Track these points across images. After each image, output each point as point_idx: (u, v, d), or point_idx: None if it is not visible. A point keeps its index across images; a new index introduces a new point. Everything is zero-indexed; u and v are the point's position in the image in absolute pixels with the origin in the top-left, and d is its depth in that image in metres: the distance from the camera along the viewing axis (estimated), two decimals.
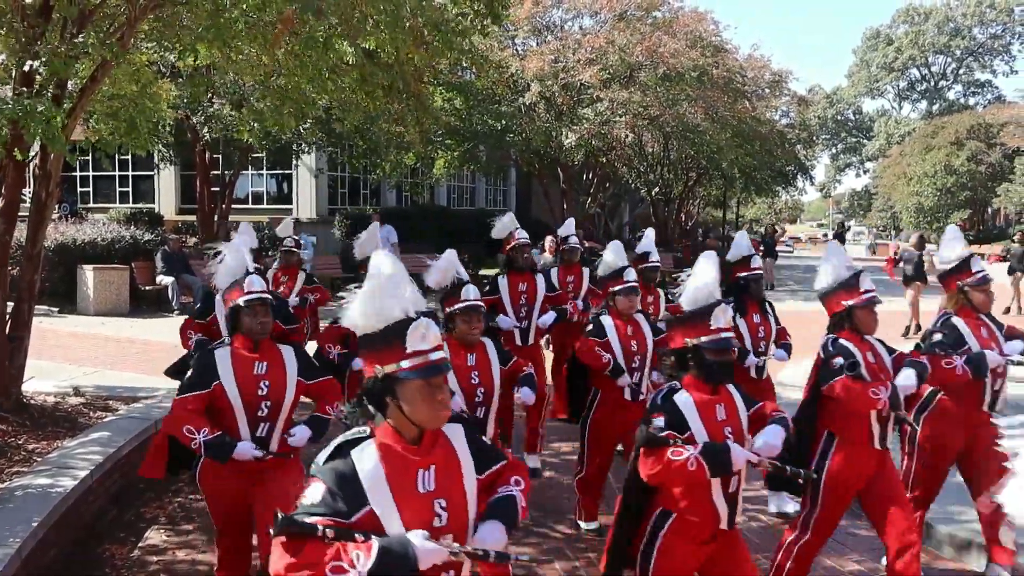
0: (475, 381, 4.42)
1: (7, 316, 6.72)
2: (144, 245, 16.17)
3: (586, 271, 7.82)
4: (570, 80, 20.90)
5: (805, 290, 22.14)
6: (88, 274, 14.38)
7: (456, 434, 2.52)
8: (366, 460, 2.31)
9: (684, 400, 3.36)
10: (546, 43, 22.12)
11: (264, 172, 24.83)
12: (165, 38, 7.41)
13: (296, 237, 8.86)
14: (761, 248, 21.69)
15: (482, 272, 23.17)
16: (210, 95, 14.98)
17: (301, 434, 3.97)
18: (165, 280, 15.25)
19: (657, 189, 30.46)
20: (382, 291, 2.46)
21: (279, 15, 6.65)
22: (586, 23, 23.65)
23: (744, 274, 6.05)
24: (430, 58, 7.94)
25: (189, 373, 3.96)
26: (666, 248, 26.41)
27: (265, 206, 24.86)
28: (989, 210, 52.92)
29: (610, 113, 20.68)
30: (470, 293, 4.54)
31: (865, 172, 75.33)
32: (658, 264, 7.13)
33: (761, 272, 6.19)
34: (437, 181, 26.68)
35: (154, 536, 5.27)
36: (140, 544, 5.14)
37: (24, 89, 5.86)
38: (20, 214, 7.14)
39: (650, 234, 7.69)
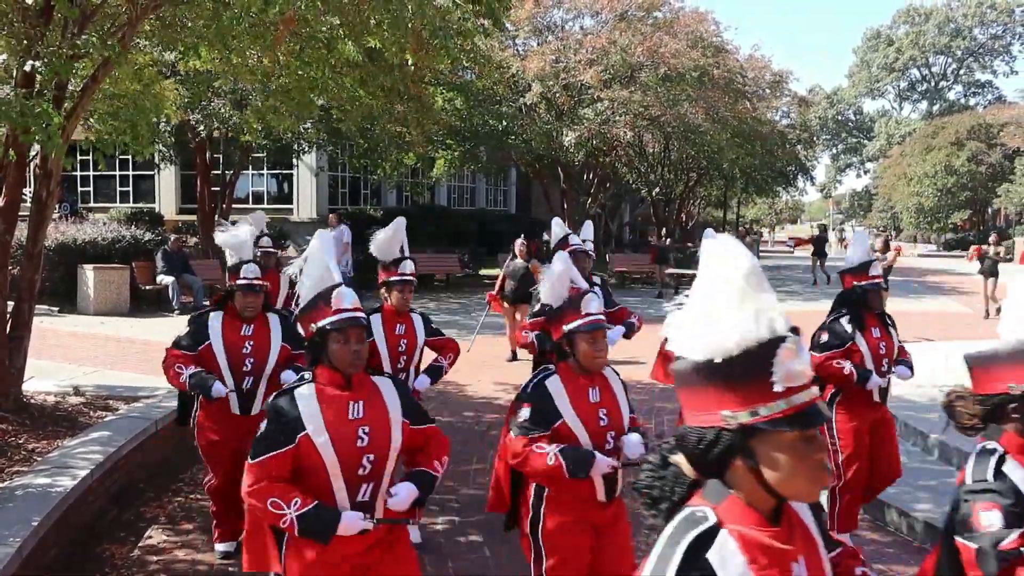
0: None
1: (7, 316, 6.72)
2: (144, 245, 16.18)
3: (603, 285, 6.83)
4: (571, 80, 20.92)
5: (807, 290, 22.16)
6: (88, 274, 14.39)
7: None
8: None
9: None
10: (547, 43, 22.13)
11: (264, 172, 24.84)
12: (166, 38, 7.41)
13: (267, 233, 7.68)
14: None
15: (482, 272, 23.21)
16: (210, 94, 14.99)
17: (404, 494, 3.01)
18: (165, 280, 15.25)
19: (657, 189, 30.46)
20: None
21: (280, 16, 6.66)
22: (587, 23, 23.67)
23: (862, 283, 5.22)
24: (431, 60, 7.94)
25: (264, 424, 2.96)
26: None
27: (265, 206, 24.84)
28: (989, 210, 52.90)
29: (611, 113, 20.70)
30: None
31: (866, 172, 75.41)
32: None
33: (880, 281, 5.29)
34: (437, 181, 26.70)
35: (154, 536, 5.27)
36: (140, 544, 5.14)
37: (24, 90, 5.86)
38: (21, 214, 7.14)
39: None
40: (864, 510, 5.80)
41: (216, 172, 20.24)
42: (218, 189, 19.76)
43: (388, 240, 5.61)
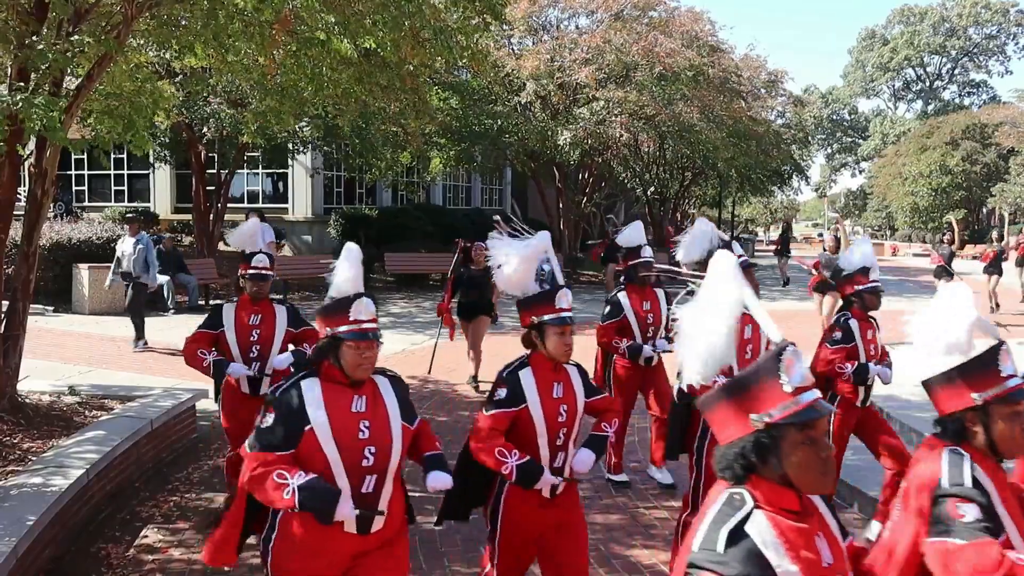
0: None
1: (2, 315, 6.71)
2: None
3: (662, 294, 6.47)
4: (566, 79, 20.92)
5: (800, 289, 22.19)
6: (83, 273, 14.36)
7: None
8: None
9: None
10: (542, 42, 22.12)
11: (260, 171, 24.81)
12: (162, 37, 7.40)
13: (269, 249, 5.86)
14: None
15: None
16: (207, 94, 14.98)
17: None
18: (160, 279, 15.23)
19: (653, 188, 30.52)
20: None
21: (276, 15, 6.66)
22: (582, 22, 23.67)
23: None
24: (428, 58, 7.95)
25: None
26: (661, 247, 26.43)
27: (261, 205, 24.82)
28: (984, 210, 53.02)
29: (606, 112, 20.71)
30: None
31: (860, 172, 75.52)
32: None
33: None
34: (432, 180, 26.68)
35: (150, 535, 5.26)
36: (136, 543, 5.14)
37: (21, 84, 5.85)
38: (15, 212, 7.13)
39: (637, 227, 7.07)
40: (858, 508, 5.82)
41: (211, 171, 20.22)
42: (213, 188, 19.74)
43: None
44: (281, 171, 24.32)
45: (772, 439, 1.84)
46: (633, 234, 6.97)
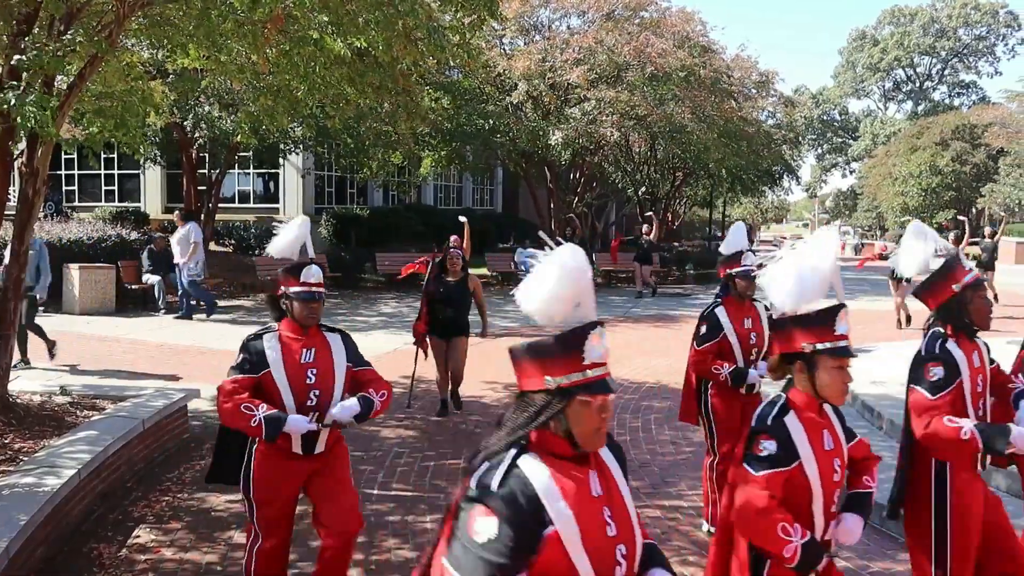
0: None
1: None
2: (130, 244, 16.12)
3: (763, 309, 5.38)
4: (557, 80, 20.96)
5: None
6: (74, 273, 14.31)
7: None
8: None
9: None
10: (534, 43, 22.17)
11: (251, 171, 24.78)
12: (155, 37, 7.39)
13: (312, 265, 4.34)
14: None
15: (470, 271, 23.20)
16: (198, 96, 14.95)
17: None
18: (151, 279, 15.19)
19: (644, 189, 30.56)
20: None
21: (268, 15, 6.65)
22: (574, 23, 23.72)
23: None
24: (421, 57, 7.96)
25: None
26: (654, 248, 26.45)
27: (252, 205, 24.80)
28: (974, 210, 53.29)
29: (597, 113, 20.74)
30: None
31: (851, 172, 75.74)
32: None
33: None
34: (424, 180, 26.68)
35: (142, 535, 5.25)
36: (128, 543, 5.13)
37: (12, 83, 5.83)
38: (7, 212, 7.10)
39: (739, 230, 6.23)
40: None
41: (202, 171, 20.18)
42: (204, 188, 19.70)
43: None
44: (272, 171, 24.29)
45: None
46: (734, 238, 6.05)
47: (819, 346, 2.88)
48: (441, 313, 8.00)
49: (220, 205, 20.81)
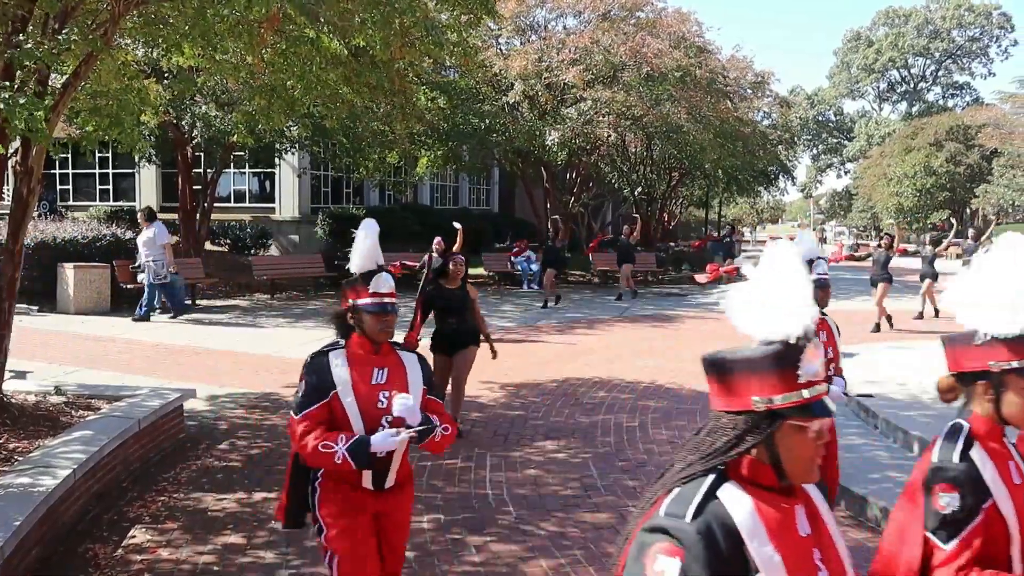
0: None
1: None
2: (125, 243, 16.08)
3: (833, 322, 5.19)
4: (553, 80, 20.96)
5: None
6: (68, 272, 14.27)
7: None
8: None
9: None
10: (530, 43, 22.17)
11: (247, 171, 24.72)
12: (150, 36, 7.37)
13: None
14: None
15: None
16: (194, 95, 14.91)
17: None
18: (142, 278, 15.15)
19: (640, 189, 30.57)
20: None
21: (264, 14, 6.63)
22: (570, 23, 23.73)
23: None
24: (418, 56, 7.95)
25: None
26: (648, 248, 26.52)
27: (247, 204, 24.75)
28: (968, 211, 53.42)
29: (593, 113, 20.75)
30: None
31: (846, 173, 75.93)
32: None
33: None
34: (420, 180, 26.67)
35: (137, 535, 5.23)
36: (123, 543, 5.11)
37: (6, 83, 5.81)
38: (1, 212, 7.08)
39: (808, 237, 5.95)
40: (844, 506, 5.86)
41: (198, 170, 20.13)
42: (200, 188, 19.66)
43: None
44: (268, 170, 24.24)
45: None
46: (805, 245, 5.46)
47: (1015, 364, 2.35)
48: (445, 325, 7.41)
49: (216, 204, 20.75)
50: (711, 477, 1.77)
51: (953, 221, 27.12)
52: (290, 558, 4.91)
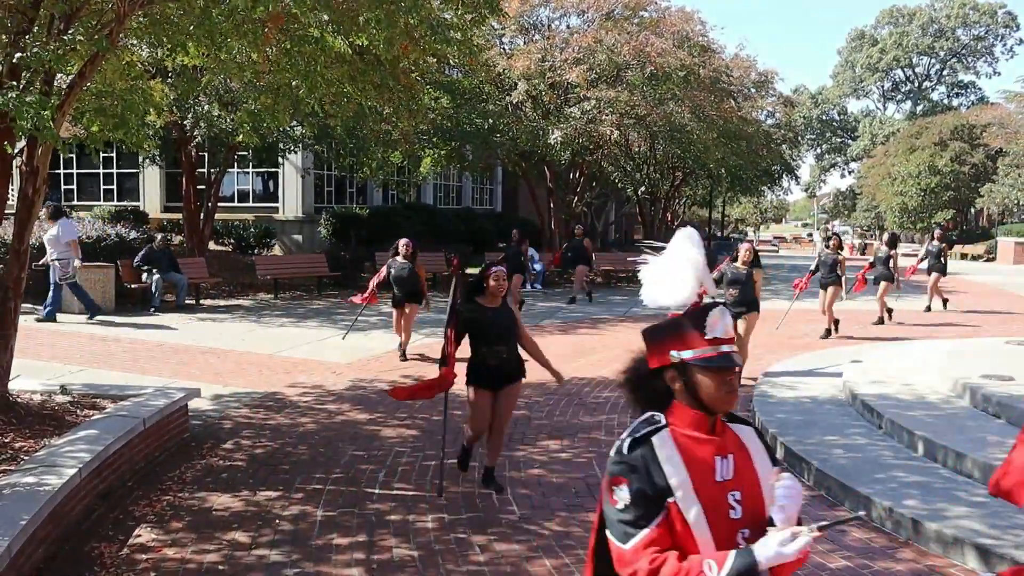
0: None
1: None
2: (130, 243, 16.12)
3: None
4: (557, 79, 20.95)
5: (790, 290, 22.26)
6: None
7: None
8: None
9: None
10: (533, 42, 22.15)
11: (250, 170, 24.76)
12: (154, 35, 7.38)
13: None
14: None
15: (468, 271, 23.23)
16: (198, 95, 14.92)
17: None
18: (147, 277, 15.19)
19: (643, 188, 30.56)
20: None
21: (268, 13, 6.64)
22: (573, 22, 23.72)
23: None
24: (422, 55, 7.95)
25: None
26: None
27: (251, 204, 24.79)
28: (972, 210, 53.33)
29: (597, 112, 20.74)
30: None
31: (850, 172, 75.89)
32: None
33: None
34: (424, 180, 26.68)
35: (143, 534, 5.24)
36: (129, 542, 5.12)
37: (13, 83, 5.82)
38: (6, 211, 7.09)
39: None
40: (849, 506, 5.85)
41: (201, 170, 20.16)
42: (203, 187, 19.70)
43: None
44: (272, 170, 24.28)
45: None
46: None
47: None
48: (490, 354, 5.96)
49: (219, 204, 20.79)
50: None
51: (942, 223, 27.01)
52: (296, 557, 4.92)
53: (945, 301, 16.92)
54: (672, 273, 2.50)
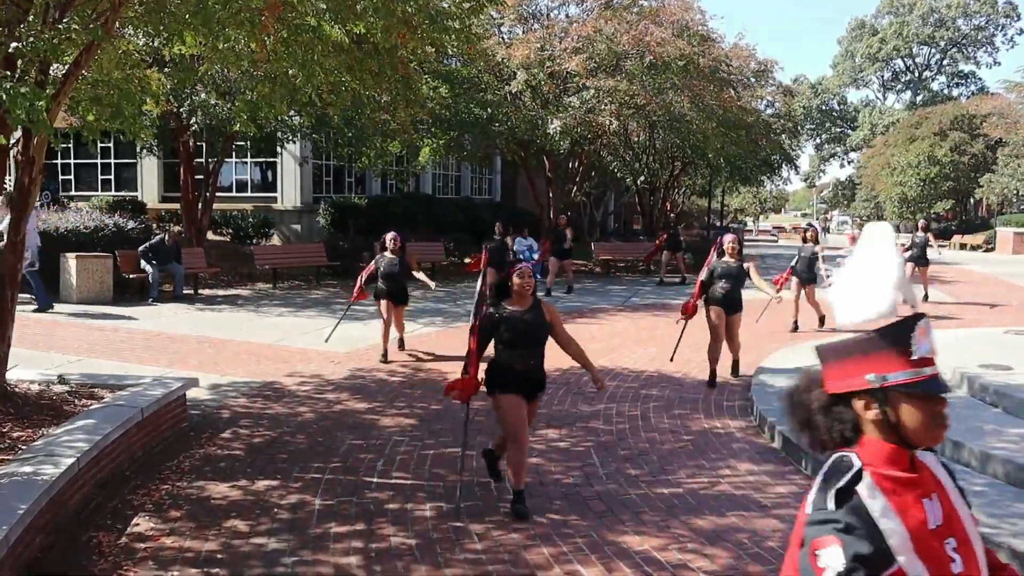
0: None
1: None
2: (128, 233, 16.10)
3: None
4: (556, 68, 20.88)
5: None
6: (71, 262, 14.28)
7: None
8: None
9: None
10: (532, 31, 22.07)
11: (248, 160, 24.70)
12: (151, 24, 7.34)
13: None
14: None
15: (468, 260, 23.21)
16: (195, 84, 14.87)
17: None
18: (148, 268, 15.17)
19: (643, 178, 30.51)
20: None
21: (266, 2, 6.61)
22: (572, 11, 23.63)
23: None
24: (420, 44, 7.92)
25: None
26: (651, 237, 26.46)
27: (249, 194, 24.75)
28: (972, 200, 53.27)
29: (596, 101, 20.68)
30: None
31: (849, 162, 75.81)
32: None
33: None
34: (422, 169, 26.64)
35: (141, 523, 5.25)
36: (127, 531, 5.12)
37: (7, 73, 5.80)
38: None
39: None
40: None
41: (199, 160, 20.11)
42: (201, 177, 19.65)
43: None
44: (270, 160, 24.23)
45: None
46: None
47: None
48: (518, 360, 5.44)
49: (218, 194, 20.75)
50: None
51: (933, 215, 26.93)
52: (294, 546, 4.93)
53: (926, 295, 16.83)
54: (867, 281, 1.91)
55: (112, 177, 25.81)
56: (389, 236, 10.50)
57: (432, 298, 15.90)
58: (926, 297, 16.72)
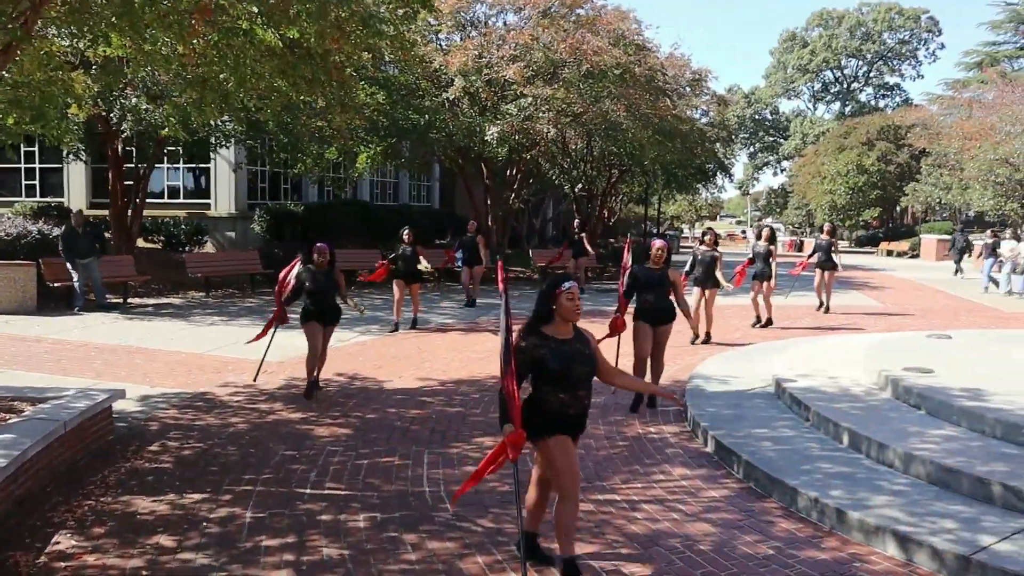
0: None
1: None
2: (53, 241, 15.61)
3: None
4: (494, 76, 20.91)
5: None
6: None
7: None
8: None
9: None
10: (470, 39, 22.08)
11: (180, 166, 24.18)
12: (75, 23, 7.14)
13: None
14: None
15: (377, 265, 23.04)
16: (124, 87, 14.50)
17: None
18: (75, 275, 14.69)
19: (580, 185, 30.71)
20: None
21: (195, 5, 6.48)
22: (510, 19, 23.70)
23: None
24: (354, 49, 7.85)
25: None
26: (590, 245, 26.60)
27: (182, 200, 24.23)
28: (898, 208, 55.00)
29: (533, 109, 20.77)
30: None
31: (782, 171, 77.59)
32: None
33: None
34: (360, 176, 26.41)
35: (62, 541, 5.07)
36: (47, 550, 4.95)
37: None
38: None
39: None
40: (776, 497, 5.97)
41: (129, 165, 19.60)
42: (131, 183, 19.16)
43: None
44: (203, 166, 23.74)
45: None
46: None
47: None
48: (572, 400, 4.64)
49: (149, 201, 20.25)
50: None
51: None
52: (223, 561, 4.82)
53: (822, 305, 16.32)
54: None
55: (37, 182, 25.00)
56: (317, 247, 9.09)
57: (368, 305, 15.74)
58: (826, 308, 16.15)
